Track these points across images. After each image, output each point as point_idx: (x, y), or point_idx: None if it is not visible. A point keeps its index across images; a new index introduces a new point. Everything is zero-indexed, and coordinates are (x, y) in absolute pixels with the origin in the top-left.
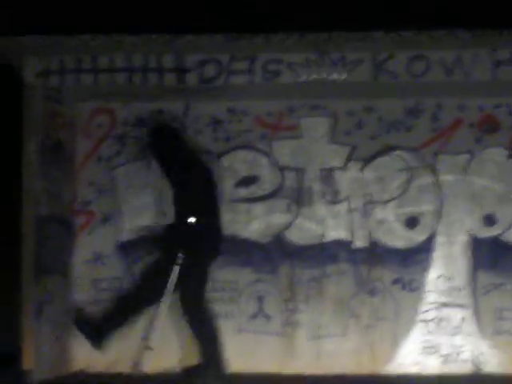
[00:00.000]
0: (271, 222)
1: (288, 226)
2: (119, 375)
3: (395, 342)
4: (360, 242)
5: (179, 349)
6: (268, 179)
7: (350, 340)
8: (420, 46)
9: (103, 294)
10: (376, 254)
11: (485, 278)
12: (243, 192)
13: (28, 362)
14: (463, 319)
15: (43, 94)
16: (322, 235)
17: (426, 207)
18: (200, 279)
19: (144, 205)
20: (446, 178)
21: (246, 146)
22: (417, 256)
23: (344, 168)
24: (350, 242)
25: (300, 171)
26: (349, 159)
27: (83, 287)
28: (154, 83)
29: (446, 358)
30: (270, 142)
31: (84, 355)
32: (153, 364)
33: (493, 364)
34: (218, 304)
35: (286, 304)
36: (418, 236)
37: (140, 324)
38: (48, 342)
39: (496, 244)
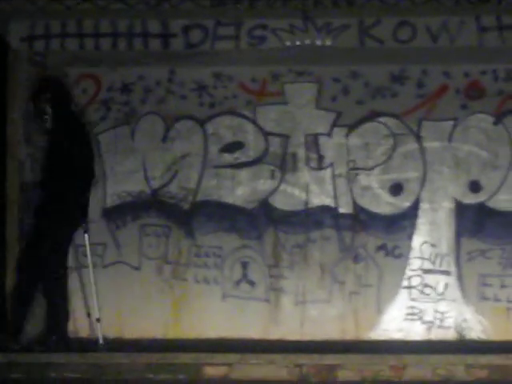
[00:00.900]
0: (256, 187)
1: (273, 192)
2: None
3: (379, 308)
4: (344, 209)
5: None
6: (253, 145)
7: (334, 306)
8: (406, 12)
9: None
10: (360, 220)
11: (469, 244)
12: (228, 158)
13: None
14: (447, 286)
15: (28, 59)
16: (307, 201)
17: (410, 174)
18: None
19: (129, 170)
20: (431, 144)
21: (231, 112)
22: (401, 223)
23: (329, 134)
24: (335, 209)
25: (285, 137)
26: (334, 125)
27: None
28: (139, 48)
29: (430, 325)
30: (254, 107)
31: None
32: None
33: (476, 330)
34: (203, 270)
35: (270, 270)
36: (402, 203)
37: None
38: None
39: (480, 210)
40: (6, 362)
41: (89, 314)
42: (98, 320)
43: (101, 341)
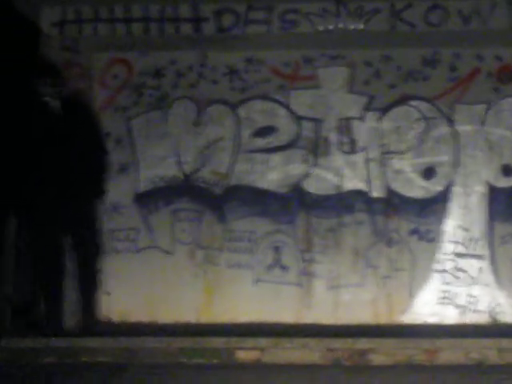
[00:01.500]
0: (288, 172)
1: (305, 177)
2: (136, 324)
3: (412, 292)
4: (377, 193)
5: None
6: (285, 129)
7: (367, 290)
8: None
9: (120, 245)
10: (393, 204)
11: (502, 228)
12: (260, 142)
13: None
14: (480, 270)
15: (60, 44)
16: (339, 185)
17: (443, 158)
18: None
19: (161, 155)
20: (464, 128)
21: (263, 96)
22: (434, 206)
23: (361, 118)
24: (367, 193)
25: (317, 121)
26: (366, 109)
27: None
28: (171, 33)
29: (463, 309)
30: (287, 92)
31: (101, 305)
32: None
33: (509, 314)
34: (235, 254)
35: (302, 254)
36: (434, 186)
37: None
38: (69, 291)
39: None
40: (38, 347)
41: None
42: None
43: None
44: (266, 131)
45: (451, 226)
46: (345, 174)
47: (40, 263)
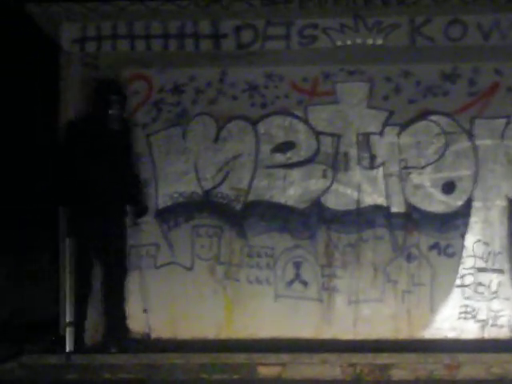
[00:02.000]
0: (308, 187)
1: (325, 192)
2: (157, 341)
3: (432, 307)
4: (396, 208)
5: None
6: (304, 145)
7: (387, 305)
8: (457, 10)
9: (140, 261)
10: (412, 219)
11: None
12: (280, 158)
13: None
14: (500, 284)
15: (80, 61)
16: (359, 201)
17: (462, 172)
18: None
19: (181, 171)
20: (483, 142)
21: (283, 112)
22: (453, 221)
23: (381, 133)
24: (387, 208)
25: (336, 137)
26: (385, 124)
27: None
28: (190, 49)
29: (484, 323)
30: (306, 107)
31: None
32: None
33: None
34: (255, 270)
35: (322, 270)
36: (454, 201)
37: None
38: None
39: None
40: (59, 364)
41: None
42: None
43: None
44: (285, 147)
45: (471, 240)
46: (364, 189)
47: (83, 281)
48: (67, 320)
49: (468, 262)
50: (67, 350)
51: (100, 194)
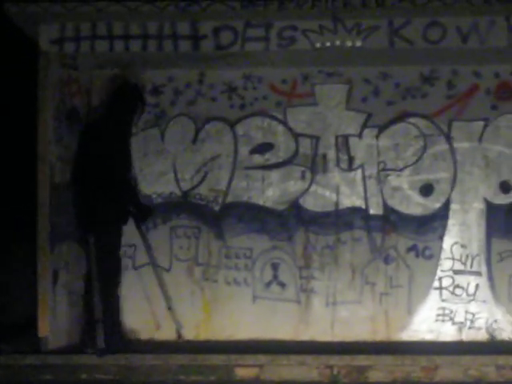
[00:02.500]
0: (286, 189)
1: (303, 194)
2: (134, 341)
3: (410, 309)
4: (374, 210)
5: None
6: (283, 146)
7: (365, 307)
8: (436, 13)
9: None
10: (391, 221)
11: (500, 244)
12: (258, 159)
13: (43, 329)
14: (478, 286)
15: (58, 61)
16: (337, 202)
17: (440, 175)
18: None
19: (159, 172)
20: (461, 145)
21: (261, 113)
22: (431, 223)
23: (359, 135)
24: (365, 210)
25: (315, 138)
26: (364, 126)
27: None
28: (169, 50)
29: (461, 326)
30: (285, 109)
31: None
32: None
33: (507, 331)
34: (233, 271)
35: (300, 271)
36: (432, 203)
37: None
38: (63, 310)
39: (511, 211)
40: (37, 365)
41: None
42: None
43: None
44: (263, 148)
45: (449, 242)
46: (343, 191)
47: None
48: (96, 317)
49: (446, 265)
50: (99, 346)
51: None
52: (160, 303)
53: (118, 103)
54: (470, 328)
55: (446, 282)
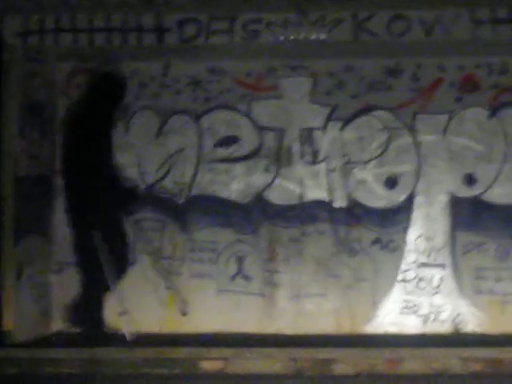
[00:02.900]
0: (251, 182)
1: (267, 187)
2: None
3: (375, 301)
4: (339, 203)
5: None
6: (247, 139)
7: (330, 300)
8: (400, 6)
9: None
10: (355, 214)
11: (464, 237)
12: (223, 152)
13: (8, 322)
14: (442, 279)
15: (23, 55)
16: (302, 195)
17: (405, 167)
18: None
19: (123, 164)
20: (426, 137)
21: (226, 107)
22: (396, 216)
23: (324, 128)
24: (329, 203)
25: (279, 131)
26: (328, 119)
27: (63, 248)
28: (133, 43)
29: (426, 318)
30: (249, 102)
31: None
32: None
33: (472, 324)
34: (198, 264)
35: (265, 264)
36: (397, 196)
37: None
38: (28, 303)
39: (476, 203)
40: (1, 357)
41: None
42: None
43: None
44: (228, 141)
45: (413, 235)
46: (307, 184)
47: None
48: (119, 309)
49: (410, 257)
50: (128, 339)
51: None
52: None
53: (100, 96)
54: (434, 321)
55: (410, 275)
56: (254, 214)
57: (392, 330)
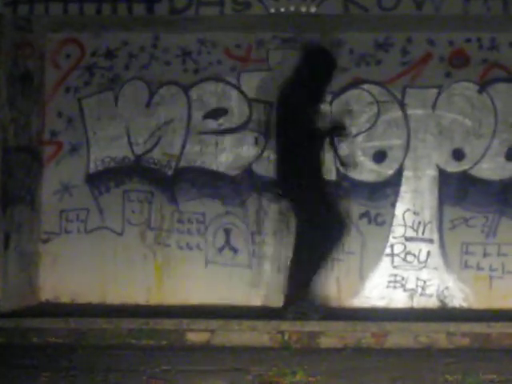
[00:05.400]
0: (239, 154)
1: (256, 159)
2: (85, 305)
3: (362, 275)
4: (327, 176)
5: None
6: (237, 111)
7: (317, 273)
8: None
9: (70, 225)
10: (343, 187)
11: (452, 212)
12: (212, 124)
13: None
14: (429, 253)
15: (12, 24)
16: None
17: (394, 141)
18: None
19: (112, 136)
20: (415, 112)
21: (215, 78)
22: (384, 190)
23: None
24: None
25: (269, 104)
26: None
27: (51, 218)
28: (123, 13)
29: (412, 292)
30: (239, 74)
31: (51, 286)
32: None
33: (458, 298)
34: (186, 236)
35: (253, 237)
36: (385, 170)
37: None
38: (15, 273)
39: (464, 178)
40: None
41: None
42: None
43: None
44: (217, 113)
45: (401, 209)
46: None
47: None
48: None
49: (398, 231)
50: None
51: None
52: (110, 267)
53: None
54: (421, 295)
55: (397, 249)
56: (243, 186)
57: (379, 303)
